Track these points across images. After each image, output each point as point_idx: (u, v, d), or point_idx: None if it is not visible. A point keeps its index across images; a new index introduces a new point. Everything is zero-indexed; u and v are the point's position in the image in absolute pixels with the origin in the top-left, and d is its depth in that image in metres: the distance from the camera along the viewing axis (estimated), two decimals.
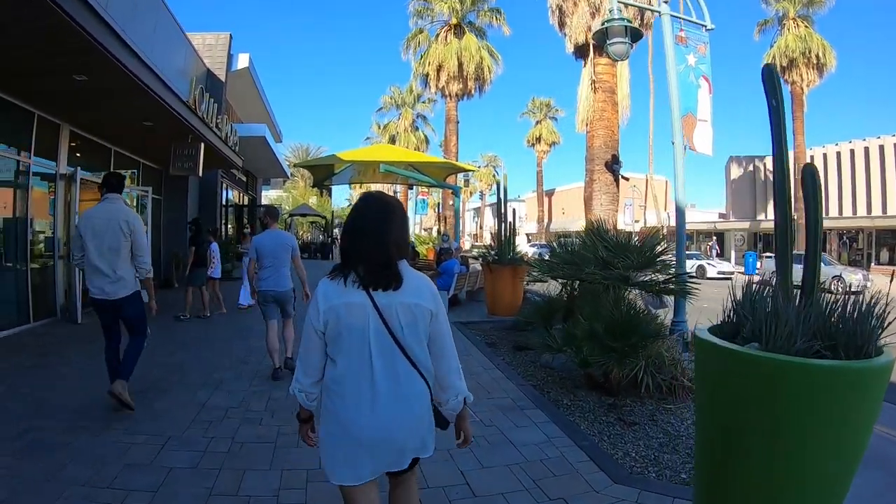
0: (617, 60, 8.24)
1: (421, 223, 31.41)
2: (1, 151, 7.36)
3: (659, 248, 5.86)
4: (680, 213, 6.63)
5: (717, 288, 6.23)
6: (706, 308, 4.09)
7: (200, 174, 9.91)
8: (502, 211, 11.33)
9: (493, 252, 11.06)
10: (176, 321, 8.56)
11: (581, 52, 14.99)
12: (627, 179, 18.16)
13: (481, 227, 60.17)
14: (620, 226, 16.30)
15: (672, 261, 6.12)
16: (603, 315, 5.04)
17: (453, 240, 15.55)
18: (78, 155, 9.93)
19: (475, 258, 15.75)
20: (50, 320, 8.28)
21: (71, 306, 8.32)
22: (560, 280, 7.03)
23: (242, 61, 16.01)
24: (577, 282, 6.50)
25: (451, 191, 16.73)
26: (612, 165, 14.05)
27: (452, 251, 12.71)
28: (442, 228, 26.79)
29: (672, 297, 6.12)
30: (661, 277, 5.94)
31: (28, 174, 7.81)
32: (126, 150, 11.22)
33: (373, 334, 1.72)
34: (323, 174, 13.82)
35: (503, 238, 10.84)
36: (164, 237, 13.94)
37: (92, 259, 4.10)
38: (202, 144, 9.87)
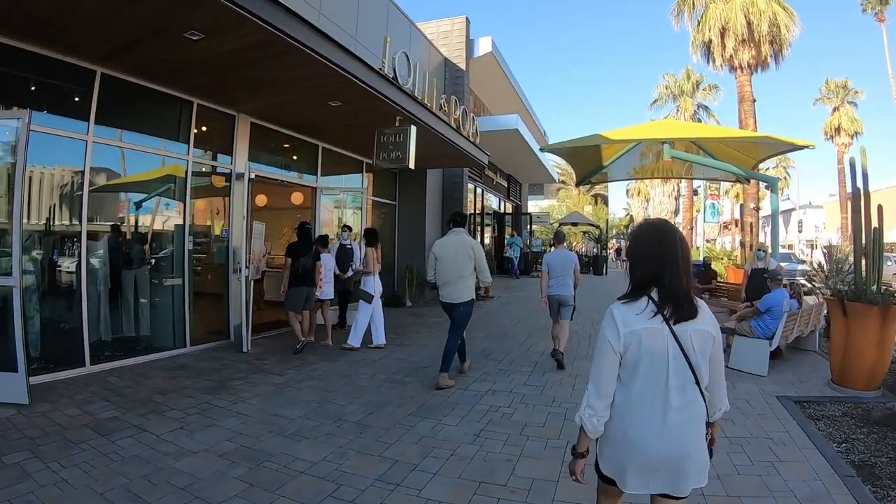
0: None
1: (703, 234, 24.59)
2: (204, 159, 6.31)
3: None
4: None
5: None
6: None
7: (412, 165, 7.49)
8: (860, 208, 5.72)
9: (842, 278, 5.87)
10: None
11: None
12: None
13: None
14: None
15: None
16: None
17: (771, 256, 9.60)
18: (294, 157, 8.72)
19: (804, 286, 9.87)
20: (214, 345, 6.83)
21: (238, 331, 6.67)
22: None
23: (484, 46, 13.70)
24: None
25: (755, 187, 11.00)
26: None
27: (780, 276, 7.38)
28: (748, 239, 19.73)
29: None
30: None
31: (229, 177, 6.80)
32: (350, 149, 9.70)
33: (671, 359, 1.73)
34: (587, 168, 10.32)
35: (866, 256, 5.44)
36: (398, 248, 12.36)
37: (443, 275, 5.53)
38: (412, 128, 7.44)
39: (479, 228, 17.65)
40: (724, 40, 18.68)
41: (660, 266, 1.77)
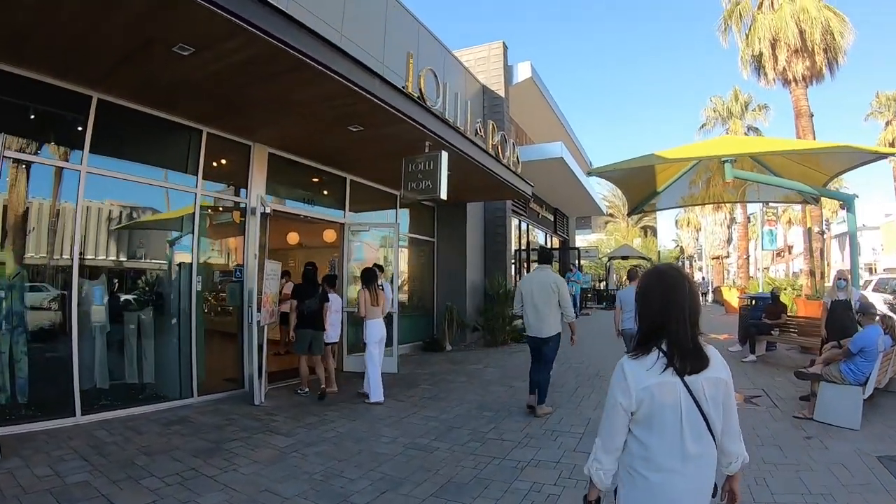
0: None
1: (761, 262, 22.50)
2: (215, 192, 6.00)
3: None
4: None
5: None
6: None
7: (444, 195, 6.76)
8: None
9: None
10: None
11: None
12: None
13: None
14: None
15: None
16: None
17: (851, 284, 7.84)
18: (319, 191, 8.24)
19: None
20: (226, 395, 6.17)
21: (252, 381, 6.00)
22: None
23: (523, 71, 13.04)
24: None
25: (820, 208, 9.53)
26: None
27: (873, 310, 5.96)
28: (816, 266, 17.53)
29: None
30: None
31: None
32: (380, 182, 9.13)
33: (684, 411, 1.68)
34: (641, 194, 9.34)
35: None
36: (437, 287, 11.56)
37: (529, 309, 5.61)
38: (443, 154, 6.76)
39: (524, 265, 16.67)
40: (776, 52, 17.27)
41: (666, 316, 1.72)
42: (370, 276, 6.47)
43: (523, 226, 16.35)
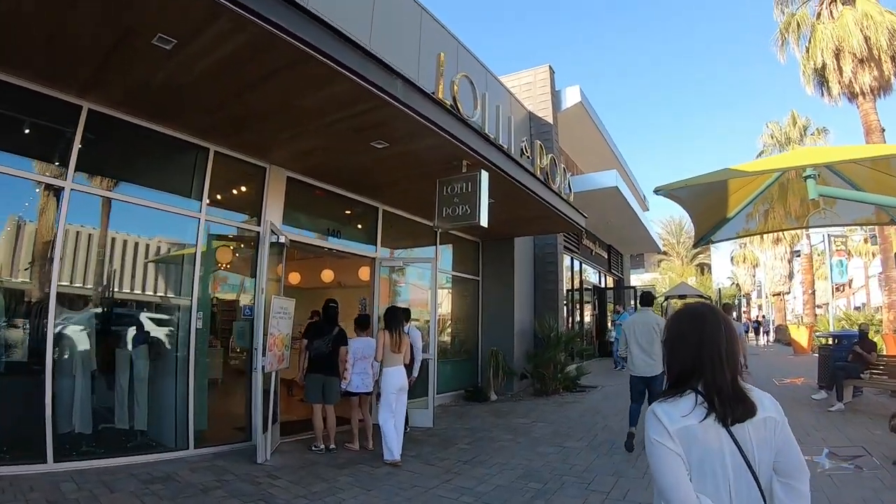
0: None
1: (832, 296, 20.12)
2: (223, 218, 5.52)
3: None
4: None
5: None
6: None
7: (484, 222, 5.89)
8: None
9: None
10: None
11: None
12: None
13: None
14: None
15: None
16: None
17: None
18: (348, 223, 7.59)
19: None
20: (228, 448, 5.33)
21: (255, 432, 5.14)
22: None
23: (571, 96, 12.17)
24: None
25: None
26: None
27: None
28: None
29: None
30: None
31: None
32: (416, 213, 8.37)
33: (731, 466, 1.44)
34: (710, 222, 8.08)
35: None
36: (482, 330, 10.53)
37: (634, 350, 5.85)
38: (483, 174, 5.92)
39: (577, 306, 15.34)
40: (840, 62, 15.65)
41: (699, 360, 1.52)
42: (392, 318, 5.59)
43: (576, 264, 15.13)
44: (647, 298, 6.48)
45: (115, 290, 5.13)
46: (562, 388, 10.01)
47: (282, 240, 5.75)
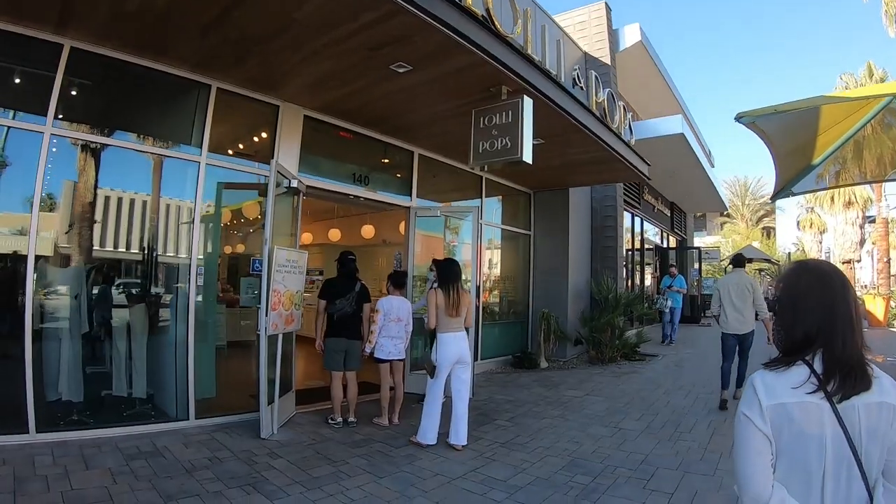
0: None
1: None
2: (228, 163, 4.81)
3: None
4: None
5: None
6: None
7: (528, 157, 4.88)
8: None
9: None
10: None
11: None
12: None
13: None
14: None
15: None
16: None
17: None
18: (383, 168, 6.79)
19: None
20: (235, 419, 4.78)
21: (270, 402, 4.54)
22: None
23: (631, 35, 10.70)
24: None
25: None
26: None
27: None
28: None
29: None
30: None
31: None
32: (456, 158, 7.43)
33: (830, 449, 1.21)
34: (795, 167, 6.63)
35: None
36: (533, 289, 9.60)
37: (728, 308, 5.94)
38: (525, 100, 4.89)
39: (637, 267, 13.95)
40: None
41: (829, 324, 1.29)
42: (448, 272, 4.61)
43: (636, 221, 13.71)
44: (738, 260, 6.74)
45: (107, 245, 4.60)
46: (619, 355, 9.03)
47: (294, 184, 5.01)
